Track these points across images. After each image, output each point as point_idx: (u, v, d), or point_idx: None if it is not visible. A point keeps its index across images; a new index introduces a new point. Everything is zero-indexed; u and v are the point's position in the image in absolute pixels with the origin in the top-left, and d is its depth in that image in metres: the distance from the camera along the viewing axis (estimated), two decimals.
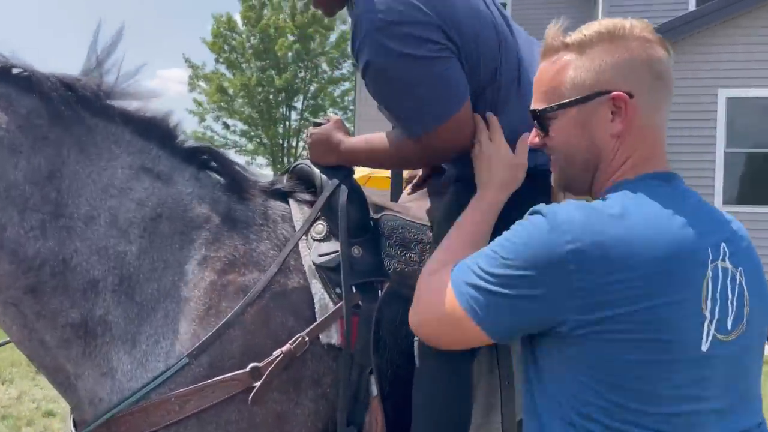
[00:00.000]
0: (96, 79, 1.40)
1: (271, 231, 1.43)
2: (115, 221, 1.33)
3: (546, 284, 0.87)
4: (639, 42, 0.96)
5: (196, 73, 19.37)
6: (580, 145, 0.99)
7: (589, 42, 0.98)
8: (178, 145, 1.46)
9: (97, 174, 1.35)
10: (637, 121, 0.95)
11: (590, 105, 0.96)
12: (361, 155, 1.48)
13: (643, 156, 0.97)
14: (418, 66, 1.23)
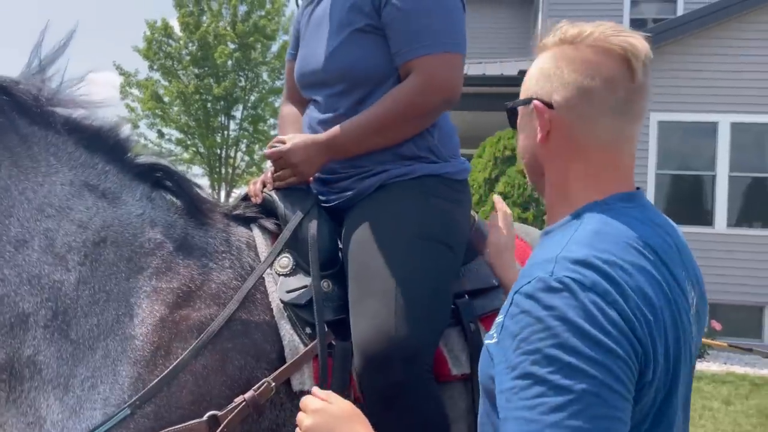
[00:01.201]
0: (37, 84, 1.25)
1: (235, 259, 1.29)
2: (51, 246, 1.17)
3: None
4: (591, 50, 0.90)
5: (128, 81, 18.63)
6: (525, 145, 0.97)
7: (546, 45, 0.95)
8: (128, 160, 1.31)
9: (32, 191, 1.19)
10: (562, 132, 0.90)
11: (527, 109, 0.95)
12: (352, 136, 1.37)
13: (587, 172, 0.89)
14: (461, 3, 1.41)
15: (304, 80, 1.54)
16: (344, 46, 1.42)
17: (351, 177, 1.43)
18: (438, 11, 1.36)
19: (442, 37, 1.36)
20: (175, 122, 18.76)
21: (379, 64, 1.41)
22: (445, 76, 1.37)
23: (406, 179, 1.40)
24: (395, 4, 1.35)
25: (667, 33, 8.00)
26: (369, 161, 1.42)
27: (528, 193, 6.85)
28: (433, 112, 1.41)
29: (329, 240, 1.36)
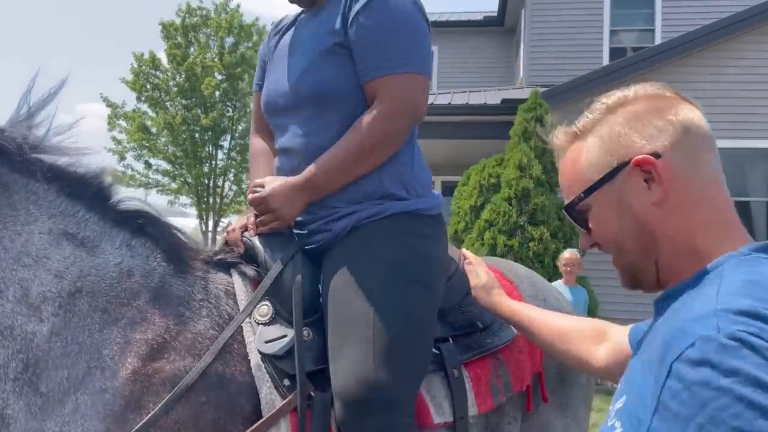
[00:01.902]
0: (22, 131, 1.25)
1: (213, 307, 1.27)
2: (26, 296, 1.16)
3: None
4: (647, 100, 0.86)
5: (115, 112, 18.65)
6: (624, 228, 0.84)
7: (593, 121, 0.89)
8: (110, 207, 1.30)
9: (9, 240, 1.18)
10: (677, 181, 0.80)
11: (617, 181, 0.84)
12: (329, 173, 1.35)
13: (708, 220, 0.80)
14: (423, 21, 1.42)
15: (272, 106, 1.52)
16: (314, 66, 1.41)
17: (324, 218, 1.41)
18: (404, 31, 1.37)
19: (406, 57, 1.36)
20: (163, 153, 18.75)
21: (349, 84, 1.40)
22: (410, 98, 1.36)
23: (379, 218, 1.38)
24: (362, 21, 1.36)
25: (646, 61, 8.18)
26: (340, 202, 1.40)
27: (513, 220, 6.88)
28: (403, 133, 1.40)
29: (310, 287, 1.34)
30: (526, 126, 7.34)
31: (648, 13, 10.89)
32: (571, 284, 4.85)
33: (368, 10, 1.35)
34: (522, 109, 7.49)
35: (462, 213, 7.52)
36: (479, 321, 1.52)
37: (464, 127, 9.00)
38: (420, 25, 1.40)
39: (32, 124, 1.28)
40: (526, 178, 7.01)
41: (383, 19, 1.35)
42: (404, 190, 1.43)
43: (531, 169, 7.03)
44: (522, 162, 7.08)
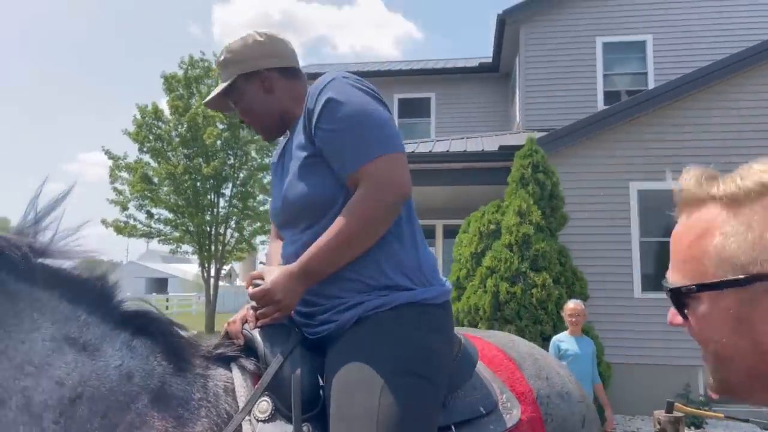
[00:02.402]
0: (28, 238, 1.28)
1: (212, 407, 1.27)
2: (28, 405, 1.16)
3: None
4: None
5: (117, 164, 18.88)
6: (737, 346, 0.68)
7: (745, 196, 0.68)
8: (112, 308, 1.32)
9: (13, 349, 1.19)
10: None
11: (750, 292, 0.65)
12: (322, 258, 1.37)
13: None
14: (377, 104, 1.45)
15: (276, 221, 1.61)
16: (295, 182, 1.47)
17: (330, 309, 1.42)
18: (363, 122, 1.41)
19: (375, 144, 1.40)
20: (165, 202, 18.87)
21: (330, 188, 1.44)
22: (390, 175, 1.39)
23: (385, 310, 1.38)
24: (324, 128, 1.42)
25: (641, 105, 8.30)
26: (346, 292, 1.41)
27: (515, 267, 6.86)
28: (391, 210, 1.41)
29: (309, 382, 1.33)
30: (523, 172, 7.40)
31: (640, 57, 11.11)
32: (577, 335, 4.79)
33: (326, 116, 1.42)
34: (518, 156, 7.56)
35: (463, 260, 7.50)
36: (482, 406, 1.50)
37: (463, 174, 9.08)
38: (377, 111, 1.44)
39: (39, 229, 1.30)
40: (526, 224, 7.02)
41: (342, 118, 1.41)
42: (408, 280, 1.44)
43: (530, 215, 7.05)
44: (521, 208, 7.10)
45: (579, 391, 1.80)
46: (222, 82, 1.62)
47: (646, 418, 7.37)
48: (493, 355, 1.72)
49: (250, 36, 1.62)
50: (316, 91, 1.46)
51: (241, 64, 1.59)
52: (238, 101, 1.62)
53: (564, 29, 11.32)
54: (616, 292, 8.03)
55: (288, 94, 1.62)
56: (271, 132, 1.65)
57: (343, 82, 1.46)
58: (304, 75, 1.69)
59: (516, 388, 1.63)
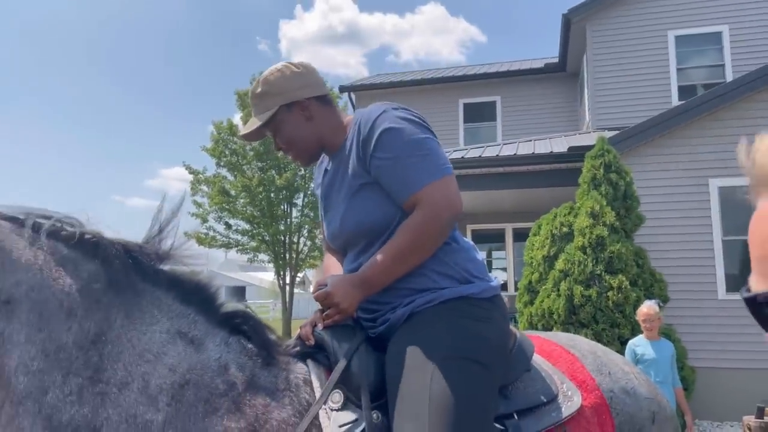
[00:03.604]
0: (154, 245, 1.51)
1: (294, 396, 1.44)
2: (146, 388, 1.35)
3: None
4: None
5: (197, 178, 19.85)
6: None
7: None
8: (216, 309, 1.52)
9: (137, 339, 1.40)
10: None
11: None
12: (381, 270, 1.53)
13: None
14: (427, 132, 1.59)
15: (334, 243, 1.76)
16: (350, 209, 1.63)
17: (384, 310, 1.59)
18: (417, 150, 1.54)
19: (429, 169, 1.53)
20: (242, 213, 19.64)
21: (385, 211, 1.59)
22: (443, 198, 1.52)
23: (433, 305, 1.53)
24: (380, 156, 1.56)
25: (719, 99, 7.99)
26: (396, 297, 1.57)
27: (589, 270, 6.77)
28: (445, 228, 1.55)
29: (375, 373, 1.48)
30: (595, 173, 7.29)
31: (716, 49, 10.66)
32: (653, 339, 4.69)
33: (382, 146, 1.55)
34: (589, 156, 7.45)
35: (535, 263, 7.46)
36: (543, 395, 1.59)
37: (532, 177, 9.02)
38: (429, 139, 1.58)
39: (161, 237, 1.53)
40: (600, 225, 6.91)
41: (395, 148, 1.54)
42: (453, 280, 1.57)
43: (604, 216, 6.94)
44: (594, 209, 7.00)
45: (647, 388, 1.81)
46: (259, 113, 1.70)
47: (735, 423, 7.07)
48: (552, 349, 1.79)
49: (286, 68, 1.70)
50: (369, 122, 1.59)
51: (282, 95, 1.67)
52: (278, 130, 1.70)
53: (632, 24, 11.02)
54: (699, 294, 7.74)
55: (326, 121, 1.71)
56: (311, 158, 1.76)
57: (394, 114, 1.59)
58: (334, 101, 1.82)
59: (576, 378, 1.69)
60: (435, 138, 1.62)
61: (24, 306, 1.33)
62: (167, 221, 1.54)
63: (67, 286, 1.37)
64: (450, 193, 1.54)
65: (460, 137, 14.54)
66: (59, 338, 1.33)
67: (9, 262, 1.35)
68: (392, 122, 1.57)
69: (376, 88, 15.90)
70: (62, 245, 1.43)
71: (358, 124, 1.63)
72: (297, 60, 1.76)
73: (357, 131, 1.62)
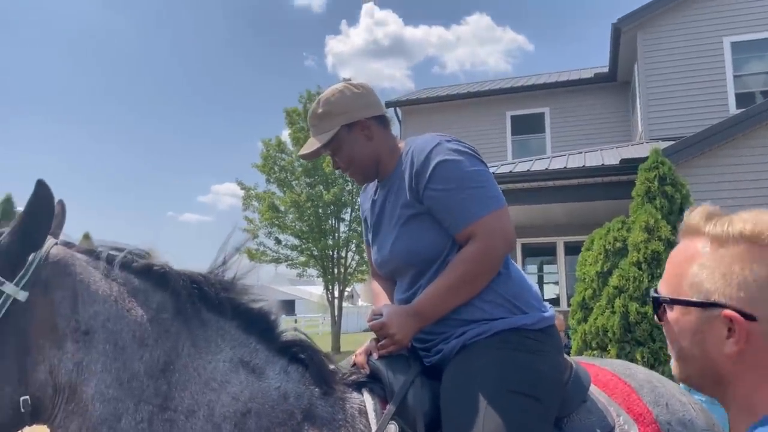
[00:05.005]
0: (219, 276, 1.57)
1: (350, 427, 1.46)
2: (211, 416, 1.39)
3: None
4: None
5: (248, 194, 20.34)
6: (692, 352, 0.86)
7: (727, 238, 0.83)
8: (275, 338, 1.57)
9: (202, 367, 1.45)
10: (759, 349, 0.78)
11: (707, 313, 0.82)
12: (435, 302, 1.56)
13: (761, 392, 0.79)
14: (479, 163, 1.61)
15: (382, 270, 1.79)
16: (401, 237, 1.65)
17: (437, 341, 1.60)
18: (471, 182, 1.56)
19: (484, 201, 1.55)
20: (291, 229, 19.98)
21: (436, 241, 1.61)
22: (498, 230, 1.54)
23: (485, 337, 1.53)
24: (432, 188, 1.57)
25: None
26: (450, 327, 1.58)
27: (645, 286, 6.58)
28: (500, 260, 1.57)
29: (430, 406, 1.49)
30: (649, 186, 7.10)
31: None
32: None
33: (434, 179, 1.57)
34: (643, 169, 7.27)
35: (588, 279, 7.30)
36: (599, 428, 1.56)
37: (583, 190, 8.85)
38: (479, 169, 1.60)
39: (225, 269, 1.59)
40: (655, 240, 6.72)
41: (450, 180, 1.56)
42: (505, 310, 1.57)
43: (659, 230, 6.74)
44: (649, 224, 6.81)
45: (705, 419, 1.75)
46: (319, 133, 1.71)
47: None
48: (608, 379, 1.75)
49: (346, 88, 1.72)
50: (423, 154, 1.61)
51: (343, 116, 1.69)
52: (339, 150, 1.71)
53: (685, 32, 10.74)
54: None
55: (384, 141, 1.73)
56: (369, 176, 1.78)
57: (447, 146, 1.60)
58: (390, 121, 1.84)
59: (633, 410, 1.65)
60: (488, 169, 1.64)
61: (101, 336, 1.41)
62: (230, 254, 1.60)
63: (138, 317, 1.44)
64: (504, 225, 1.55)
65: (508, 150, 14.41)
66: (132, 367, 1.40)
67: (87, 294, 1.44)
68: (447, 155, 1.59)
69: (422, 102, 15.97)
70: (133, 276, 1.51)
71: (411, 155, 1.65)
72: (344, 75, 1.81)
73: (410, 162, 1.64)
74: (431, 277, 1.61)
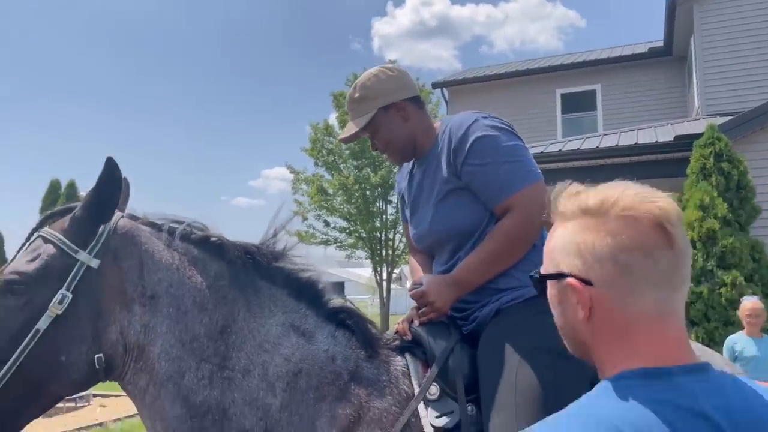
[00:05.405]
0: (270, 247, 1.67)
1: (394, 387, 1.55)
2: (265, 375, 1.50)
3: None
4: (618, 223, 0.83)
5: (297, 178, 20.67)
6: (561, 323, 0.94)
7: (570, 214, 0.90)
8: (323, 305, 1.66)
9: (257, 330, 1.55)
10: (605, 310, 0.84)
11: (561, 284, 0.89)
12: (474, 271, 1.64)
13: (622, 348, 0.84)
14: (516, 139, 1.68)
15: (421, 244, 1.85)
16: (440, 212, 1.72)
17: (473, 308, 1.68)
18: (506, 157, 1.63)
19: (518, 175, 1.62)
20: (339, 211, 20.22)
21: (473, 216, 1.68)
22: (534, 203, 1.59)
23: (517, 302, 1.62)
24: (470, 163, 1.64)
25: None
26: (485, 295, 1.66)
27: (700, 265, 6.43)
28: (537, 231, 1.64)
29: (469, 368, 1.56)
30: (704, 162, 6.89)
31: None
32: (755, 335, 4.41)
33: (472, 155, 1.64)
34: (698, 145, 7.05)
35: None
36: None
37: (635, 168, 8.63)
38: (516, 144, 1.67)
39: (276, 240, 1.70)
40: (710, 218, 6.54)
41: (487, 155, 1.63)
42: None
43: (715, 208, 6.56)
44: (704, 201, 6.63)
45: None
46: (357, 117, 1.80)
47: None
48: None
49: (381, 72, 1.80)
50: (462, 130, 1.67)
51: (380, 99, 1.77)
52: (377, 132, 1.79)
53: (744, 4, 10.23)
54: None
55: (419, 122, 1.81)
56: (406, 156, 1.86)
57: (485, 123, 1.67)
58: (425, 102, 1.89)
59: None
60: (524, 144, 1.69)
61: (165, 301, 1.53)
62: (280, 227, 1.70)
63: (198, 284, 1.56)
64: (541, 197, 1.60)
65: (558, 129, 14.14)
66: (193, 329, 1.51)
67: (152, 263, 1.56)
68: (484, 131, 1.65)
69: (469, 82, 15.80)
70: (192, 247, 1.63)
71: (448, 132, 1.71)
72: (391, 57, 1.89)
73: (448, 139, 1.70)
74: (469, 250, 1.68)
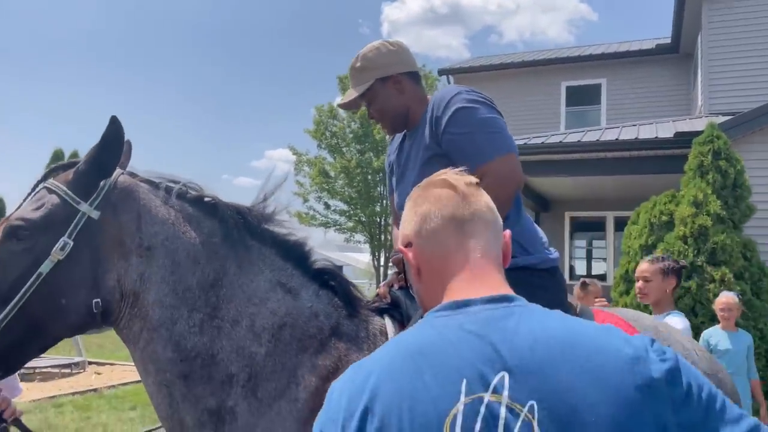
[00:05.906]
0: (260, 209, 1.77)
1: (371, 343, 1.65)
2: (252, 326, 1.60)
3: None
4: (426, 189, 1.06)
5: (300, 159, 20.75)
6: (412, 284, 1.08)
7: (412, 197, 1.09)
8: (309, 266, 1.75)
9: (246, 285, 1.65)
10: (422, 262, 1.01)
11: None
12: None
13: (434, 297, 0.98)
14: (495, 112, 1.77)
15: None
16: (424, 175, 1.76)
17: None
18: (483, 128, 1.72)
19: (495, 145, 1.71)
20: (340, 195, 20.33)
21: None
22: (509, 171, 1.69)
23: None
24: (450, 132, 1.73)
25: None
26: None
27: (690, 260, 6.51)
28: (510, 200, 1.72)
29: None
30: (702, 160, 6.94)
31: None
32: (729, 329, 4.53)
33: (452, 122, 1.73)
34: (697, 143, 7.10)
35: (632, 253, 7.24)
36: None
37: (634, 163, 8.70)
38: (496, 118, 1.76)
39: (266, 204, 1.79)
40: (703, 214, 6.60)
41: (466, 124, 1.72)
42: (515, 252, 1.68)
43: (708, 205, 6.62)
44: (698, 198, 6.69)
45: (708, 364, 1.83)
46: (357, 85, 1.90)
47: None
48: (614, 322, 1.85)
49: (383, 45, 1.90)
50: (443, 102, 1.77)
51: (378, 70, 1.87)
52: (373, 101, 1.90)
53: (752, 3, 10.22)
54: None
55: (414, 95, 1.90)
56: (397, 127, 1.97)
57: (465, 96, 1.76)
58: (422, 79, 1.98)
59: None
60: (502, 118, 1.78)
61: (160, 252, 1.62)
62: (271, 192, 1.79)
63: (192, 239, 1.65)
64: (514, 168, 1.70)
65: (562, 122, 14.17)
66: (186, 280, 1.61)
67: (149, 217, 1.65)
68: (465, 103, 1.75)
69: (476, 70, 15.80)
70: (188, 205, 1.72)
71: (432, 104, 1.81)
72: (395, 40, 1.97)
73: (431, 109, 1.80)
74: None
